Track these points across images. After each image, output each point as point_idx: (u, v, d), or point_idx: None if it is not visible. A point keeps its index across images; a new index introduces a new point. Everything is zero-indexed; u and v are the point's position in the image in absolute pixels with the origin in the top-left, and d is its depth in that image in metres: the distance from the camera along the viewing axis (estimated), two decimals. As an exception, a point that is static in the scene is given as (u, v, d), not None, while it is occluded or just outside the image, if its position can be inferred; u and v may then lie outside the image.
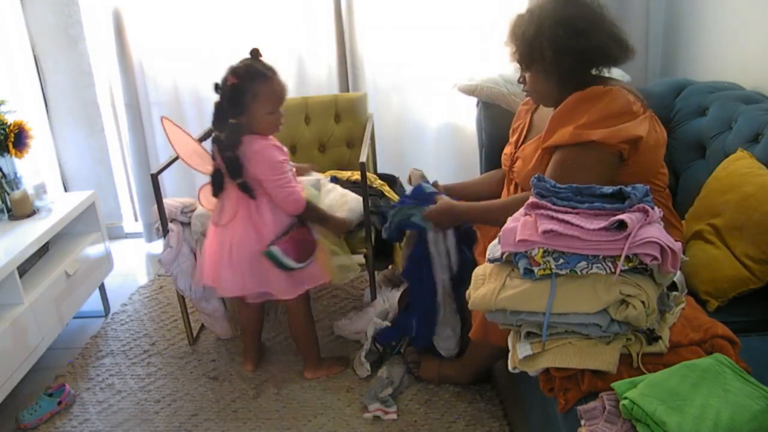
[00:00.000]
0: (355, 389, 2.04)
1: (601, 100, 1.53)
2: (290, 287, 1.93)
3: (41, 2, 2.87)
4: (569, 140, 1.52)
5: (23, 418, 1.97)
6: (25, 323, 2.03)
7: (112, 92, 3.00)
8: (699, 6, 2.38)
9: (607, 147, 1.49)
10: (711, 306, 1.58)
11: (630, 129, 1.49)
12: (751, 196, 1.57)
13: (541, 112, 1.80)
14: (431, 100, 2.92)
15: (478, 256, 1.82)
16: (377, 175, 2.47)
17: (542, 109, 1.79)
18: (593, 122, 1.50)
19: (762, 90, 1.95)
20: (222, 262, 1.90)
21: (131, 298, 2.72)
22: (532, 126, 1.82)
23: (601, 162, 1.51)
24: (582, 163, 1.51)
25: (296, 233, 1.87)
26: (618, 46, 1.57)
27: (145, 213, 3.15)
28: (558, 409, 1.27)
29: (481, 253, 1.77)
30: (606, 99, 1.53)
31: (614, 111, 1.51)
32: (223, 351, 2.30)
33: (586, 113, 1.52)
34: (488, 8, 2.75)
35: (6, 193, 2.27)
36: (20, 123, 2.24)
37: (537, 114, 1.82)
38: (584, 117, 1.52)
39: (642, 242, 1.17)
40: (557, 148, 1.57)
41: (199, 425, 1.95)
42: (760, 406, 1.06)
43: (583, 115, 1.52)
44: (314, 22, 2.81)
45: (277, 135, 1.88)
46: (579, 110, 1.54)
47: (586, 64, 1.58)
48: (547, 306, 1.23)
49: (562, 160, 1.54)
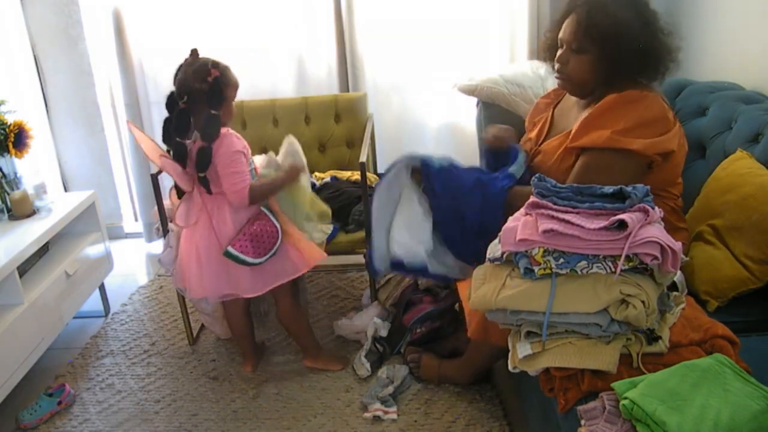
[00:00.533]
0: (355, 389, 2.04)
1: (638, 106, 1.50)
2: (257, 285, 1.92)
3: (41, 2, 2.87)
4: (604, 144, 1.48)
5: (23, 418, 1.97)
6: (25, 323, 2.03)
7: (112, 92, 3.00)
8: (699, 6, 2.38)
9: (640, 157, 1.48)
10: (711, 306, 1.58)
11: (665, 143, 1.49)
12: (751, 197, 1.57)
13: (562, 106, 1.78)
14: (431, 100, 2.92)
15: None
16: (377, 175, 2.47)
17: (563, 103, 1.77)
18: (630, 129, 1.48)
19: (762, 90, 1.95)
20: (190, 265, 1.93)
21: (131, 298, 2.72)
22: (553, 120, 1.79)
23: (631, 169, 1.50)
24: (612, 168, 1.49)
25: (249, 228, 1.86)
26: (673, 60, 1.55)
27: (145, 213, 3.15)
28: (558, 409, 1.27)
29: None
30: (643, 105, 1.50)
31: (651, 118, 1.49)
32: (223, 351, 2.30)
33: (622, 118, 1.49)
34: (488, 8, 2.75)
35: (6, 193, 2.27)
36: (20, 123, 2.24)
37: (558, 108, 1.79)
38: (621, 122, 1.49)
39: (642, 242, 1.17)
40: (588, 150, 1.53)
41: (199, 425, 1.95)
42: (760, 406, 1.06)
43: (620, 119, 1.49)
44: (314, 22, 2.81)
45: (277, 135, 1.89)
46: (615, 114, 1.51)
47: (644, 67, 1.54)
48: (547, 305, 1.23)
49: (593, 163, 1.52)
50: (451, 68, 2.80)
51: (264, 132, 2.65)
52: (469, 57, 2.82)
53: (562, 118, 1.75)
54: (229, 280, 1.92)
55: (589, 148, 1.53)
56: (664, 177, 1.57)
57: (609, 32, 1.51)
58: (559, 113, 1.78)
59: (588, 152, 1.54)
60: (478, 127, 2.43)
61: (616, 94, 1.53)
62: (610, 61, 1.54)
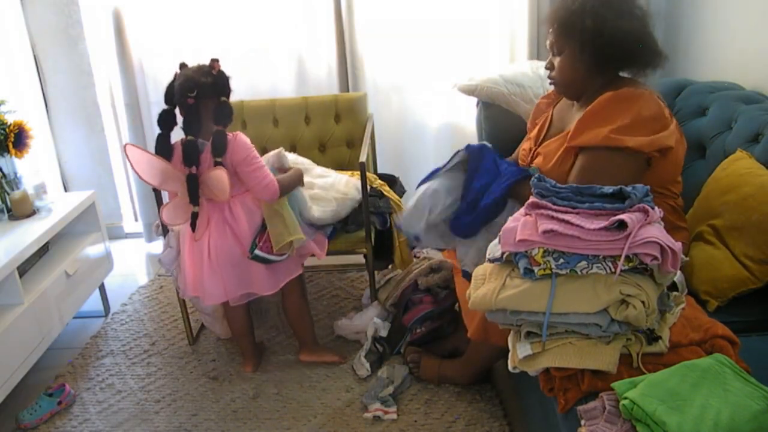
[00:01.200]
0: (355, 389, 2.04)
1: (634, 103, 1.50)
2: (272, 283, 1.97)
3: (41, 2, 2.87)
4: (601, 142, 1.48)
5: (23, 418, 1.97)
6: (25, 323, 2.03)
7: (112, 92, 3.00)
8: (699, 6, 2.38)
9: (638, 154, 1.48)
10: (711, 306, 1.58)
11: (663, 139, 1.48)
12: (751, 197, 1.57)
13: (561, 107, 1.78)
14: (431, 100, 2.92)
15: None
16: (377, 175, 2.47)
17: (562, 103, 1.77)
18: (626, 126, 1.48)
19: (762, 90, 1.95)
20: (203, 271, 1.93)
21: (131, 298, 2.72)
22: (552, 121, 1.80)
23: (630, 167, 1.49)
24: (611, 167, 1.48)
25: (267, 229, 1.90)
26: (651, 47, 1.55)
27: (145, 213, 3.15)
28: (558, 409, 1.27)
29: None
30: (639, 102, 1.50)
31: (647, 116, 1.49)
32: (223, 351, 2.30)
33: (618, 116, 1.49)
34: (488, 8, 2.75)
35: (6, 193, 2.27)
36: (20, 123, 2.24)
37: (557, 109, 1.80)
38: (617, 120, 1.48)
39: (642, 242, 1.17)
40: (586, 149, 1.53)
41: (199, 425, 1.95)
42: (760, 406, 1.06)
43: (616, 117, 1.49)
44: (314, 22, 2.81)
45: (277, 135, 1.89)
46: (611, 112, 1.51)
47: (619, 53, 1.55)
48: (547, 306, 1.23)
49: (591, 162, 1.51)
50: (451, 68, 2.80)
51: (264, 132, 2.64)
52: (469, 57, 2.82)
53: (560, 117, 1.76)
54: (247, 281, 1.95)
55: (587, 147, 1.53)
56: (664, 175, 1.57)
57: (574, 24, 1.54)
58: (558, 113, 1.78)
59: (586, 152, 1.54)
60: (478, 127, 2.43)
61: (611, 93, 1.53)
62: (586, 53, 1.55)
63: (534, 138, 1.80)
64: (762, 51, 2.01)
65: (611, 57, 1.55)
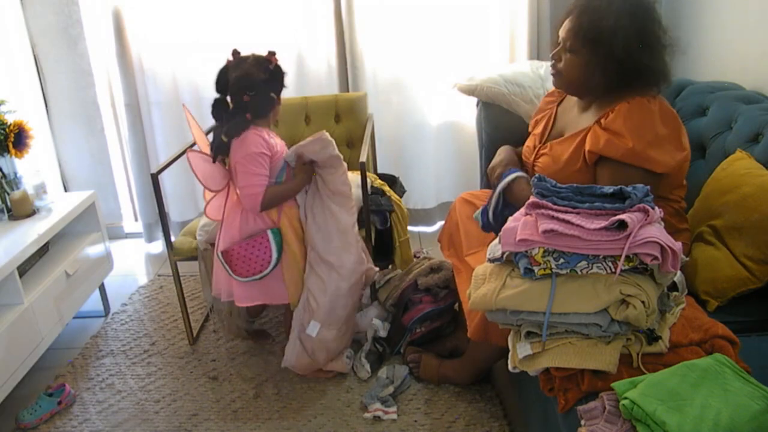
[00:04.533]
0: (355, 389, 2.04)
1: (654, 118, 1.50)
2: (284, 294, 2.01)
3: (41, 2, 2.87)
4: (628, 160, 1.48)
5: (23, 418, 1.97)
6: (25, 323, 2.03)
7: (112, 92, 3.00)
8: (699, 6, 2.38)
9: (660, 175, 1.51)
10: (711, 306, 1.58)
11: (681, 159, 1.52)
12: (750, 197, 1.57)
13: (564, 105, 1.77)
14: (431, 100, 2.92)
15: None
16: (377, 175, 2.47)
17: (566, 102, 1.77)
18: (650, 143, 1.48)
19: (762, 90, 1.95)
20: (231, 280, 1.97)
21: (131, 298, 2.72)
22: (556, 119, 1.79)
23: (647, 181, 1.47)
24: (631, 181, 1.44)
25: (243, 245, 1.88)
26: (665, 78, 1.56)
27: (145, 213, 3.15)
28: (558, 409, 1.27)
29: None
30: (658, 117, 1.50)
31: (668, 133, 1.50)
32: (223, 351, 2.30)
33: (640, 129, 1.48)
34: (488, 8, 2.75)
35: (6, 193, 2.27)
36: (20, 123, 2.24)
37: (561, 106, 1.79)
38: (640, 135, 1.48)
39: (642, 242, 1.17)
40: (608, 160, 1.52)
41: (199, 425, 1.95)
42: (760, 406, 1.06)
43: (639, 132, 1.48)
44: (314, 22, 2.81)
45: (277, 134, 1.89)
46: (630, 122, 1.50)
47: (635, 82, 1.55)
48: (547, 306, 1.23)
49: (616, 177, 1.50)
50: (451, 68, 2.80)
51: (264, 132, 2.64)
52: (469, 57, 2.82)
53: (563, 116, 1.76)
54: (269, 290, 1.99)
55: (610, 159, 1.52)
56: (672, 181, 1.58)
57: (600, 40, 1.52)
58: (562, 111, 1.78)
59: (609, 163, 1.53)
60: (478, 127, 2.42)
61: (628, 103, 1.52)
62: (600, 69, 1.54)
63: (539, 134, 1.80)
64: (762, 51, 2.01)
65: (624, 81, 1.55)
